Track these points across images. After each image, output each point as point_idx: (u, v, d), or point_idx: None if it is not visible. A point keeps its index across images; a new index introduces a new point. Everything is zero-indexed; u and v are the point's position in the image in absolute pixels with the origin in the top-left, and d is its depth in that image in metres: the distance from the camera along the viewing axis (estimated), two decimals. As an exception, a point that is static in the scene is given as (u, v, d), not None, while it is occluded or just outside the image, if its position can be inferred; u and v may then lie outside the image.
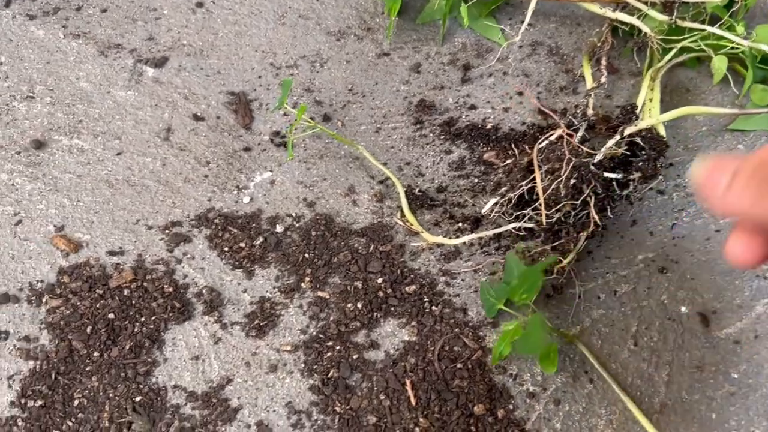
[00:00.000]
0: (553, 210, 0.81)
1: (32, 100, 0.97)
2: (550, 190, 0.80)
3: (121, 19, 1.03)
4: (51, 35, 1.02)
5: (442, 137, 0.95)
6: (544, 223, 0.78)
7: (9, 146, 0.94)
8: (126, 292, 0.84)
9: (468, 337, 0.82)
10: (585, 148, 0.81)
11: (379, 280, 0.85)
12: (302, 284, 0.86)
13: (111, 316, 0.83)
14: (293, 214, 0.90)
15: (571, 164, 0.79)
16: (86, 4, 1.04)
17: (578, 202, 0.80)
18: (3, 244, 0.87)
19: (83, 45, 1.01)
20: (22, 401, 0.78)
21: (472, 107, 0.97)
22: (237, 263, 0.87)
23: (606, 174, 0.82)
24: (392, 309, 0.84)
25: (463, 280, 0.86)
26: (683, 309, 0.84)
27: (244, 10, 1.04)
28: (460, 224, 0.89)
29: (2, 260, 0.86)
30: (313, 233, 0.89)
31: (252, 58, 1.01)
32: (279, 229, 0.89)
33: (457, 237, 0.87)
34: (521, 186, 0.81)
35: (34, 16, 1.03)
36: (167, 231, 0.89)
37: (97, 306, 0.84)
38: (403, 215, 0.89)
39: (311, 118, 0.95)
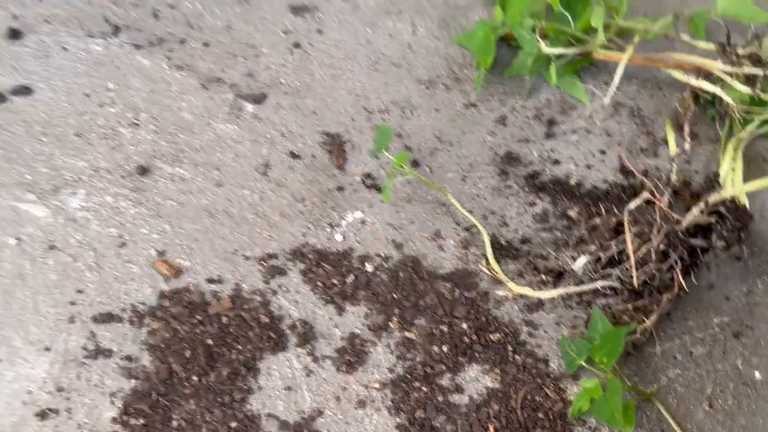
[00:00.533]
0: (639, 271, 0.85)
1: (137, 127, 1.02)
2: (639, 253, 0.84)
3: (222, 54, 1.09)
4: (156, 65, 1.07)
5: (527, 189, 0.99)
6: (636, 285, 0.82)
7: (115, 170, 0.99)
8: (224, 319, 0.89)
9: (549, 388, 0.85)
10: (675, 215, 0.85)
11: (464, 326, 0.89)
12: (390, 324, 0.89)
13: (209, 342, 0.87)
14: (382, 255, 0.94)
15: (662, 230, 0.83)
16: (189, 37, 1.10)
17: (665, 266, 0.84)
18: (108, 265, 0.92)
19: (186, 77, 1.06)
20: (124, 418, 0.82)
21: (556, 162, 1.01)
22: (329, 298, 0.91)
23: (692, 241, 0.86)
24: (476, 355, 0.88)
25: (545, 331, 0.89)
26: (757, 375, 0.87)
27: (340, 54, 1.09)
28: (543, 276, 0.92)
29: (107, 280, 0.91)
30: (401, 274, 0.93)
31: (346, 101, 1.06)
32: (369, 268, 0.93)
33: (540, 289, 0.90)
34: (612, 247, 0.85)
35: (141, 46, 1.09)
36: (264, 263, 0.93)
37: (197, 331, 0.88)
38: (488, 263, 0.93)
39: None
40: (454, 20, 1.13)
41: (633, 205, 0.88)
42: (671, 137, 0.98)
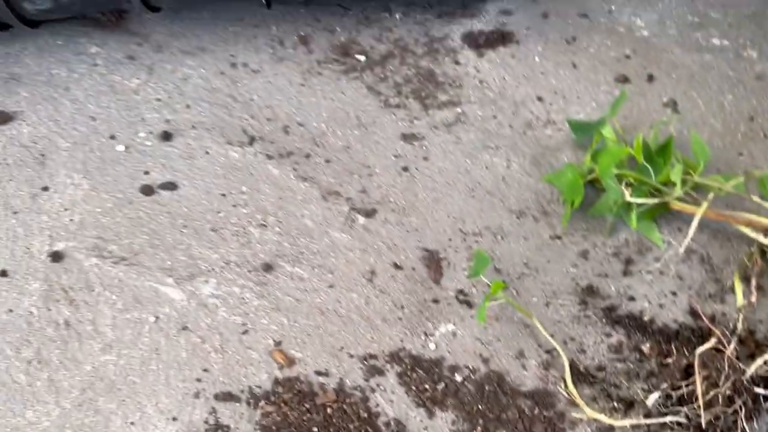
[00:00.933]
0: (706, 412, 0.94)
1: (264, 228, 1.18)
2: (706, 396, 0.94)
3: (341, 170, 1.25)
4: (284, 175, 1.24)
5: (604, 321, 1.10)
6: (704, 426, 0.91)
7: (243, 264, 1.14)
8: (328, 410, 1.00)
9: None
10: (741, 365, 0.94)
11: (542, 442, 0.99)
12: (474, 432, 1.00)
13: (315, 429, 0.99)
14: (470, 367, 1.05)
15: (730, 378, 0.93)
16: (314, 153, 1.27)
17: (730, 409, 0.93)
18: (231, 349, 1.05)
19: (309, 187, 1.22)
20: (236, 490, 0.94)
21: (631, 298, 1.12)
22: (420, 402, 1.02)
23: (755, 389, 0.95)
24: (551, 470, 0.97)
25: (615, 455, 0.98)
26: None
27: (442, 180, 1.24)
28: (615, 404, 1.02)
29: (230, 363, 1.04)
30: (487, 387, 1.04)
31: (445, 222, 1.20)
32: (458, 378, 1.04)
33: (612, 416, 1.00)
34: (683, 387, 0.95)
35: (272, 157, 1.26)
36: (365, 362, 1.05)
37: (304, 418, 1.00)
38: (566, 386, 1.03)
39: (488, 284, 1.11)
40: (544, 159, 1.28)
41: (702, 350, 0.98)
42: (739, 288, 1.08)
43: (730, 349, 0.98)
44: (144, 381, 1.02)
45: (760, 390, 0.95)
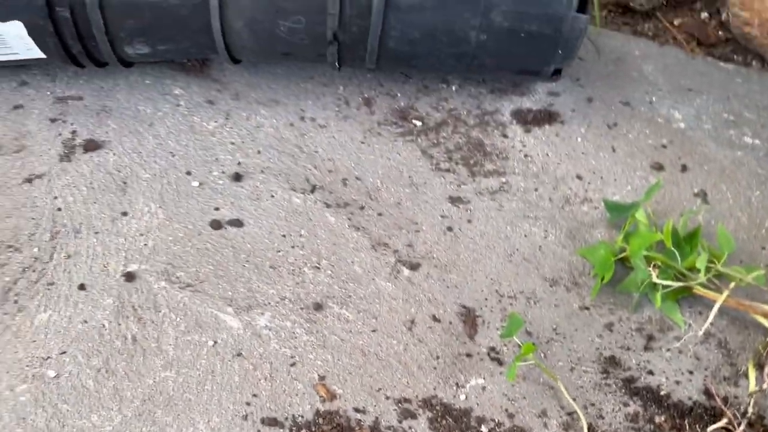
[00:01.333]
0: (713, 487, 1.02)
1: (318, 270, 1.29)
2: (715, 472, 1.01)
3: (390, 224, 1.36)
4: (339, 223, 1.35)
5: (623, 391, 1.18)
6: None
7: (296, 301, 1.24)
8: (363, 445, 1.10)
9: None
10: (749, 446, 1.02)
11: (557, 497, 1.07)
12: (495, 481, 1.08)
13: (349, 461, 1.08)
14: (496, 420, 1.14)
15: (738, 458, 1.00)
16: (368, 206, 1.39)
17: (736, 487, 1.01)
18: (279, 378, 1.15)
19: (361, 237, 1.34)
20: None
21: (650, 372, 1.20)
22: (448, 447, 1.11)
23: (761, 471, 1.03)
24: None
25: None
26: None
27: (483, 243, 1.35)
28: (628, 470, 1.10)
29: (277, 391, 1.14)
30: (509, 440, 1.12)
31: (482, 282, 1.30)
32: (484, 429, 1.13)
33: (625, 480, 1.08)
34: (693, 461, 1.02)
35: (330, 205, 1.38)
36: (399, 404, 1.14)
37: (340, 450, 1.09)
38: (583, 448, 1.11)
39: (519, 345, 1.21)
40: (579, 234, 1.38)
41: (713, 428, 1.06)
42: (752, 374, 1.16)
43: (739, 431, 1.06)
44: (198, 399, 1.13)
45: (764, 472, 1.03)
